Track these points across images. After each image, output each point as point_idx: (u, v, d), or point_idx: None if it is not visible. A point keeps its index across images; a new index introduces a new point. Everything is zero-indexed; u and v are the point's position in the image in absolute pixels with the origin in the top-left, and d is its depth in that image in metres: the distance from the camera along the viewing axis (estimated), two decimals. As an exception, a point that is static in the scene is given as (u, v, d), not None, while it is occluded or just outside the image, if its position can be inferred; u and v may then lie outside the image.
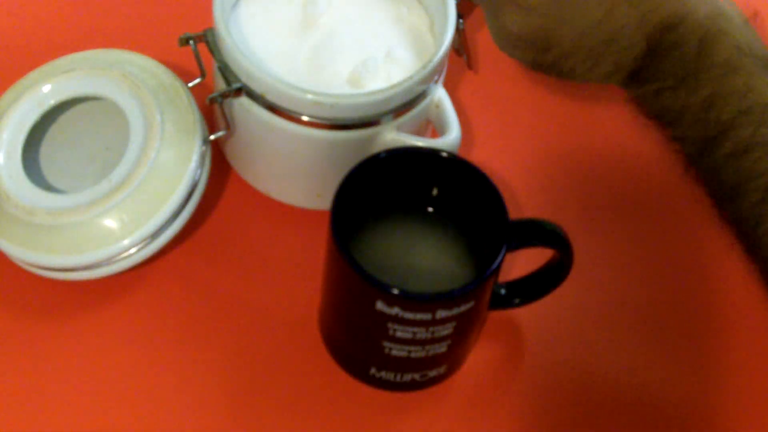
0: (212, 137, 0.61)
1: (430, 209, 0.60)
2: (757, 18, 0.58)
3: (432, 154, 0.57)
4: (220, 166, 0.66)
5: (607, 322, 0.63)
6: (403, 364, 0.57)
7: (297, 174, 0.63)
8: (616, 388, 0.61)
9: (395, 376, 0.58)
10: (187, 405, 0.58)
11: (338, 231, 0.53)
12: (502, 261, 0.53)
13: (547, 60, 0.61)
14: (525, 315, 0.62)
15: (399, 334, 0.54)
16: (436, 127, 0.62)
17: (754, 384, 0.62)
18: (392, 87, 0.58)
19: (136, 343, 0.60)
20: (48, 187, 0.61)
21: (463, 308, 0.53)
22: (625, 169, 0.69)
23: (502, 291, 0.59)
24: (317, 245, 0.59)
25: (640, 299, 0.64)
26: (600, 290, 0.64)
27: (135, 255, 0.58)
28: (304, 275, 0.62)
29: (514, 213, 0.56)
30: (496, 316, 0.62)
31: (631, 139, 0.71)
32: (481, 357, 0.61)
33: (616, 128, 0.71)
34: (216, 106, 0.60)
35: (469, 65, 0.71)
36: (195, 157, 0.59)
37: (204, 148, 0.60)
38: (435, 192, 0.59)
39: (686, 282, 0.65)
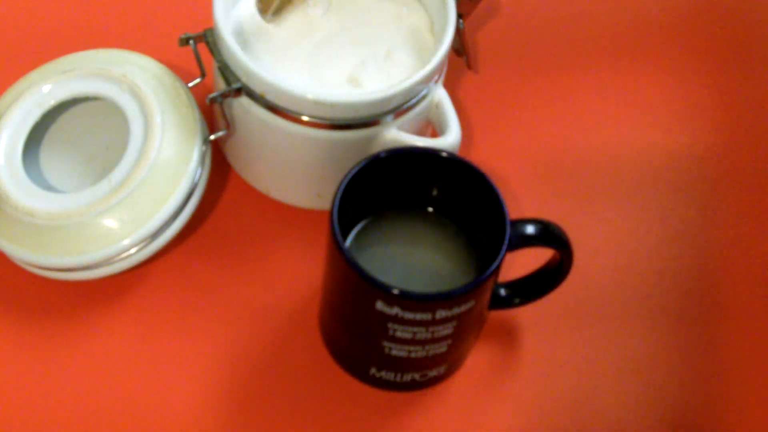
0: (212, 137, 0.61)
1: (430, 209, 0.60)
2: None
3: (432, 154, 0.57)
4: (220, 166, 0.66)
5: (608, 322, 0.63)
6: (403, 364, 0.57)
7: (297, 174, 0.63)
8: (617, 388, 0.61)
9: (395, 376, 0.58)
10: (186, 405, 0.58)
11: (338, 231, 0.53)
12: (502, 261, 0.53)
13: None
14: (525, 315, 0.62)
15: (399, 334, 0.54)
16: (436, 127, 0.62)
17: (758, 385, 0.62)
18: (392, 87, 0.58)
19: (136, 342, 0.60)
20: (48, 188, 0.61)
21: (463, 308, 0.53)
22: (626, 169, 0.69)
23: (502, 291, 0.59)
24: (317, 245, 0.59)
25: (640, 299, 0.64)
26: (600, 290, 0.64)
27: (135, 255, 0.58)
28: (304, 275, 0.62)
29: (514, 213, 0.56)
30: (496, 316, 0.62)
31: (632, 139, 0.71)
32: (481, 357, 0.61)
33: (616, 128, 0.71)
34: (216, 106, 0.60)
35: (469, 65, 0.71)
36: (195, 157, 0.59)
37: (204, 148, 0.60)
38: (435, 192, 0.59)
39: (688, 282, 0.65)
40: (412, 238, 0.59)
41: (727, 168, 0.70)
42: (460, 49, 0.68)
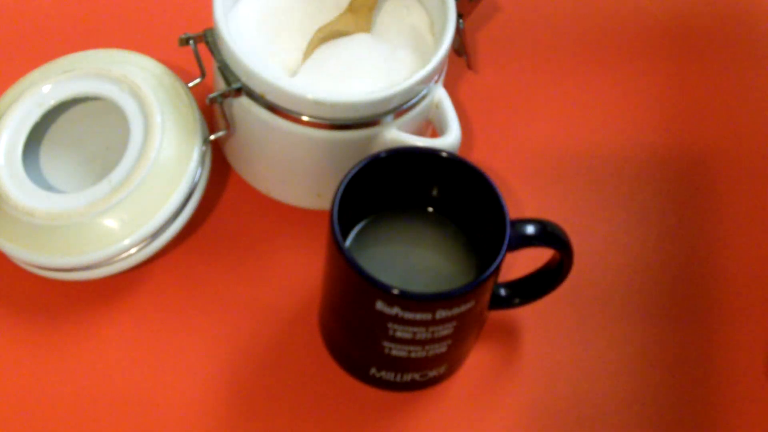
0: (212, 137, 0.61)
1: (430, 209, 0.60)
2: None
3: (432, 154, 0.57)
4: (220, 166, 0.66)
5: (607, 322, 0.63)
6: (403, 364, 0.57)
7: (297, 174, 0.63)
8: (616, 388, 0.61)
9: (395, 376, 0.58)
10: (186, 405, 0.58)
11: (338, 231, 0.53)
12: (502, 261, 0.53)
13: None
14: (525, 315, 0.62)
15: (399, 334, 0.54)
16: (436, 127, 0.62)
17: (757, 385, 0.62)
18: (392, 87, 0.58)
19: (136, 342, 0.60)
20: (48, 188, 0.61)
21: (463, 308, 0.53)
22: (626, 169, 0.69)
23: (502, 291, 0.59)
24: (317, 245, 0.59)
25: (640, 299, 0.64)
26: (600, 290, 0.64)
27: (135, 255, 0.58)
28: (304, 275, 0.62)
29: (514, 213, 0.56)
30: (496, 316, 0.62)
31: (632, 139, 0.71)
32: (481, 357, 0.61)
33: (616, 128, 0.71)
34: (216, 106, 0.60)
35: (469, 65, 0.71)
36: (195, 157, 0.59)
37: (204, 148, 0.60)
38: (435, 192, 0.59)
39: (688, 282, 0.65)
40: (412, 238, 0.59)
41: (727, 168, 0.70)
42: (460, 49, 0.68)
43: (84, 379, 0.58)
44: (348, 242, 0.58)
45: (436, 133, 0.62)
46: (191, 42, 0.61)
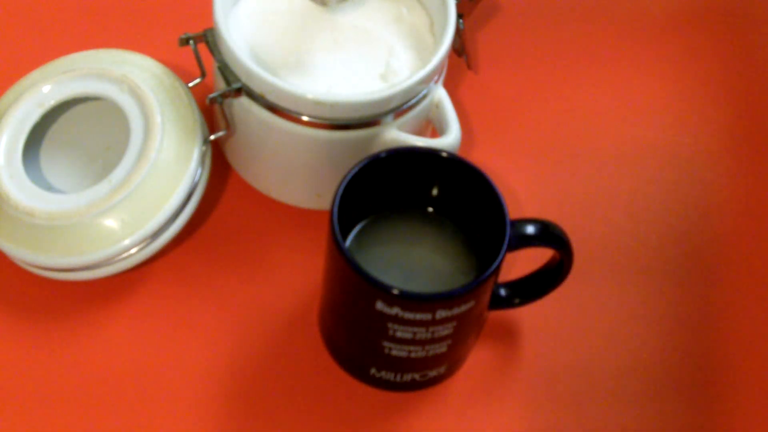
0: (212, 137, 0.61)
1: (430, 209, 0.60)
2: None
3: (432, 154, 0.57)
4: (220, 166, 0.66)
5: (608, 322, 0.63)
6: (403, 364, 0.57)
7: (297, 174, 0.63)
8: (617, 388, 0.61)
9: (395, 376, 0.58)
10: (186, 405, 0.58)
11: (338, 231, 0.53)
12: (502, 261, 0.53)
13: None
14: (525, 315, 0.62)
15: (399, 334, 0.54)
16: (436, 127, 0.62)
17: (758, 386, 0.62)
18: (392, 87, 0.58)
19: (136, 342, 0.60)
20: (48, 188, 0.61)
21: (463, 308, 0.53)
22: (626, 169, 0.69)
23: (502, 291, 0.59)
24: (317, 245, 0.59)
25: (641, 299, 0.64)
26: (600, 290, 0.64)
27: (135, 255, 0.58)
28: (304, 275, 0.62)
29: (514, 213, 0.56)
30: (496, 316, 0.62)
31: (632, 138, 0.71)
32: (481, 357, 0.61)
33: (616, 128, 0.71)
34: (216, 106, 0.60)
35: (469, 65, 0.71)
36: (195, 157, 0.59)
37: (204, 148, 0.60)
38: (435, 192, 0.59)
39: (689, 282, 0.65)
40: (412, 238, 0.59)
41: (727, 167, 0.70)
42: (460, 49, 0.68)
43: (84, 378, 0.58)
44: (348, 242, 0.58)
45: (436, 133, 0.62)
46: (191, 42, 0.61)
